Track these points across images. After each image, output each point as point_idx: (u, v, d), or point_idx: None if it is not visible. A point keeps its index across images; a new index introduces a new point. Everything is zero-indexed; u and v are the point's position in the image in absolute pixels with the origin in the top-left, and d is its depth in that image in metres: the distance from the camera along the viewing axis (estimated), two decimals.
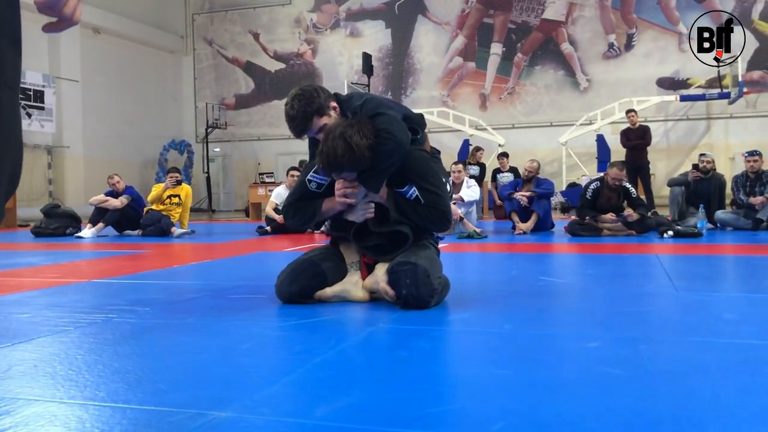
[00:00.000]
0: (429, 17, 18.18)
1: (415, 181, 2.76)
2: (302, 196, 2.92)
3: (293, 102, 2.79)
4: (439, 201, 2.78)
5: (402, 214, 2.77)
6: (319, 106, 2.79)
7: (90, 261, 5.63)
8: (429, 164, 2.85)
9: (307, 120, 2.79)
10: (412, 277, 2.63)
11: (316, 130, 2.81)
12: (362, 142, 2.60)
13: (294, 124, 2.82)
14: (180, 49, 20.51)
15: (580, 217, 7.29)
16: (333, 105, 2.85)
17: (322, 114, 2.80)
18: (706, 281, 3.68)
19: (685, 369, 1.79)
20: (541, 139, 16.63)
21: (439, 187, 2.82)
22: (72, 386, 1.71)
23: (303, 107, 2.77)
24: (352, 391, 1.62)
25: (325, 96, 2.83)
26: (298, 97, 2.80)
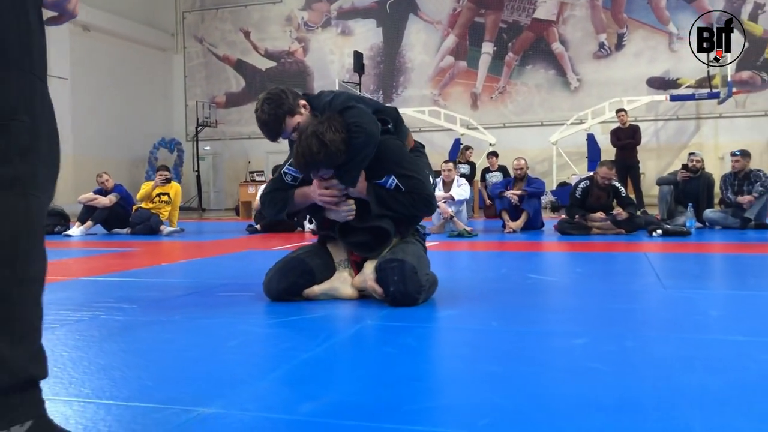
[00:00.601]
0: (420, 16, 18.18)
1: (392, 170, 2.77)
2: (278, 187, 2.94)
3: (263, 106, 2.80)
4: (420, 185, 2.79)
5: (384, 206, 2.77)
6: (289, 107, 2.79)
7: (78, 259, 5.60)
8: (403, 151, 2.86)
9: (279, 122, 2.79)
10: (400, 273, 2.63)
11: (290, 130, 2.82)
12: (335, 137, 2.61)
13: (267, 128, 2.82)
14: (170, 46, 20.43)
15: (569, 215, 7.31)
16: (302, 103, 2.86)
17: (293, 114, 2.81)
18: (694, 279, 3.69)
19: (671, 365, 1.80)
20: (531, 139, 16.67)
21: (418, 172, 2.83)
22: (57, 383, 1.69)
23: (273, 110, 2.78)
24: (338, 388, 1.61)
25: (293, 96, 2.84)
26: (267, 100, 2.80)
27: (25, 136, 1.00)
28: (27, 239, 1.01)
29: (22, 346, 1.01)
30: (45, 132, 1.06)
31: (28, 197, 1.01)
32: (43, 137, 1.05)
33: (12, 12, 1.01)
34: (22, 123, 0.99)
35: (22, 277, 1.00)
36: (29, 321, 1.03)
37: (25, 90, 1.01)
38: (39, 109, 1.04)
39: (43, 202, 1.05)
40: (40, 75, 1.06)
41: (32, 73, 1.03)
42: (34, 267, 1.03)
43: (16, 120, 0.98)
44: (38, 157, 1.04)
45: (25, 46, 1.02)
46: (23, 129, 0.99)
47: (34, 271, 1.04)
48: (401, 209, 2.78)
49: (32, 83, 1.03)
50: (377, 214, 2.77)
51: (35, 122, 1.02)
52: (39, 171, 1.04)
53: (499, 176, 11.58)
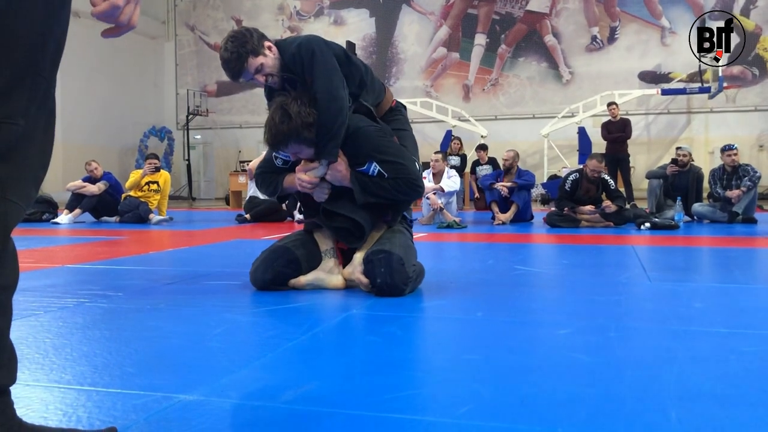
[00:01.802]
0: (413, 7, 18.13)
1: (372, 156, 2.75)
2: (269, 170, 2.95)
3: (226, 45, 2.78)
4: (403, 169, 2.75)
5: (369, 192, 2.75)
6: (252, 46, 2.76)
7: (65, 246, 5.57)
8: (382, 135, 2.82)
9: (241, 61, 2.76)
10: (387, 265, 2.63)
11: (252, 70, 2.79)
12: (302, 109, 2.62)
13: (229, 66, 2.78)
14: (161, 34, 20.29)
15: (558, 208, 7.34)
16: (267, 45, 2.82)
17: (257, 54, 2.77)
18: (680, 272, 3.71)
19: (653, 356, 1.81)
20: (523, 131, 16.69)
21: (401, 156, 2.79)
22: (38, 369, 1.69)
23: (236, 48, 2.75)
24: (320, 376, 1.62)
25: (258, 36, 2.80)
26: (230, 39, 2.78)
27: (14, 139, 0.97)
28: (0, 246, 0.98)
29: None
30: (40, 135, 1.03)
31: (6, 203, 0.97)
32: (37, 141, 1.02)
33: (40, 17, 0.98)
34: (15, 126, 0.96)
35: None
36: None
37: (28, 92, 0.98)
38: (37, 112, 1.01)
39: (20, 209, 1.01)
40: (48, 76, 1.03)
41: (41, 75, 1.00)
42: (3, 275, 1.00)
43: (8, 122, 0.95)
44: (25, 162, 1.00)
45: (42, 49, 1.00)
46: (13, 132, 0.96)
47: (3, 280, 1.00)
48: (386, 195, 2.76)
49: (37, 85, 1.00)
50: (362, 202, 2.75)
51: (30, 125, 0.99)
52: (23, 176, 1.01)
53: (489, 169, 11.57)
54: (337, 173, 2.76)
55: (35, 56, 0.98)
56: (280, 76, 2.83)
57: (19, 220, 1.02)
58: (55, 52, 1.03)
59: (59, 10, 1.00)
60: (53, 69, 1.04)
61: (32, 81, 0.99)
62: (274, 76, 2.82)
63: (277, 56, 2.82)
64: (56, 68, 1.05)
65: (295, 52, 2.77)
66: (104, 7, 1.01)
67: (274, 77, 2.83)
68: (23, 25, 0.95)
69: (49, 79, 1.03)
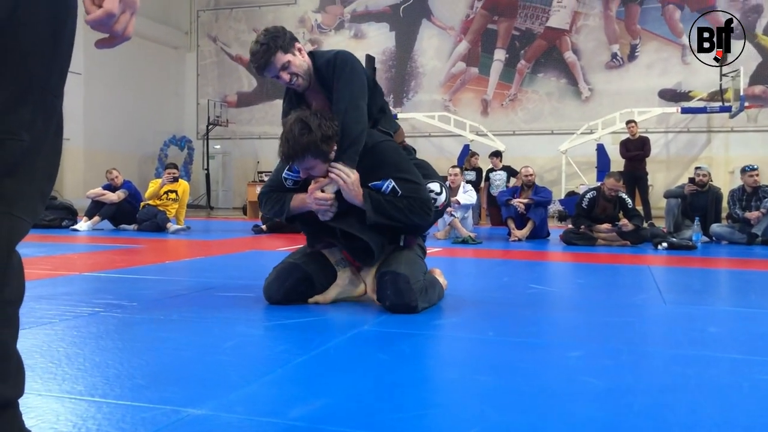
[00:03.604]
0: (433, 21, 18.19)
1: (389, 173, 2.71)
2: (277, 188, 2.89)
3: (258, 37, 2.79)
4: (418, 189, 2.72)
5: (380, 213, 2.68)
6: (283, 42, 2.77)
7: (83, 254, 5.63)
8: (401, 154, 2.82)
9: (269, 53, 2.75)
10: (393, 286, 2.64)
11: (279, 66, 2.77)
12: (323, 123, 2.60)
13: (256, 57, 2.77)
14: (184, 45, 20.52)
15: (575, 225, 7.30)
16: (298, 46, 2.84)
17: (286, 51, 2.77)
18: (696, 294, 3.68)
19: (666, 381, 1.79)
20: (541, 147, 16.63)
21: (416, 175, 2.76)
22: (50, 379, 1.71)
23: (267, 41, 2.76)
24: (329, 393, 1.62)
25: (290, 35, 2.83)
26: (264, 32, 2.80)
27: (19, 155, 0.96)
28: (4, 261, 0.98)
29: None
30: (46, 150, 1.03)
31: (11, 218, 0.97)
32: (43, 155, 1.02)
33: (46, 30, 0.98)
34: (20, 142, 0.96)
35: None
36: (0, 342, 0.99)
37: (34, 106, 0.98)
38: (43, 127, 1.01)
39: (26, 225, 1.01)
40: (54, 91, 1.02)
41: (46, 89, 1.00)
42: (8, 289, 1.00)
43: (14, 138, 0.95)
44: (30, 177, 1.00)
45: (48, 63, 1.00)
46: (18, 148, 0.96)
47: (9, 294, 0.99)
48: (398, 215, 2.69)
49: (43, 99, 1.00)
50: (372, 222, 2.69)
51: (36, 140, 0.99)
52: (29, 191, 1.00)
53: (503, 175, 11.55)
54: (352, 188, 2.69)
55: (41, 70, 0.99)
56: (306, 79, 2.83)
57: (25, 235, 1.02)
58: (61, 66, 1.04)
59: (65, 23, 1.01)
60: (60, 83, 1.04)
61: (38, 95, 0.99)
62: (299, 76, 2.81)
63: (306, 60, 2.84)
64: (63, 82, 1.06)
65: (331, 58, 2.80)
66: (99, 15, 0.99)
67: (299, 78, 2.82)
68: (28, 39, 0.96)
69: (56, 93, 1.03)
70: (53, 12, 0.98)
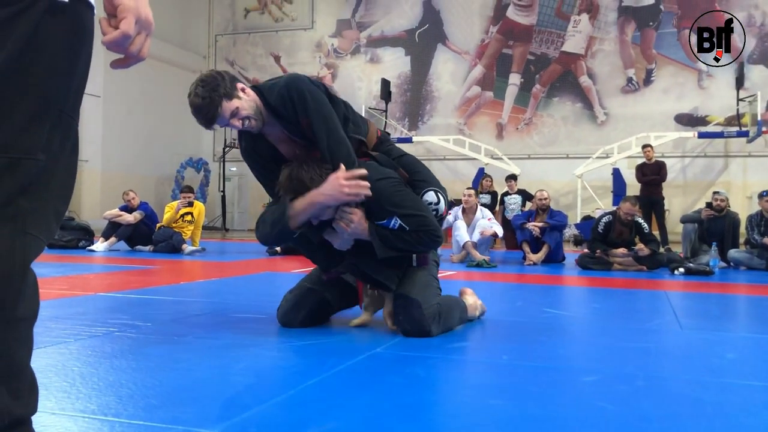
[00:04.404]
0: (448, 46, 18.32)
1: (393, 212, 2.61)
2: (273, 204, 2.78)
3: (197, 89, 2.55)
4: (424, 221, 2.63)
5: (389, 246, 2.61)
6: (225, 90, 2.55)
7: (99, 274, 5.67)
8: (400, 190, 2.68)
9: (214, 105, 2.54)
10: (405, 312, 2.62)
11: (228, 115, 2.57)
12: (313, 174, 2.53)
13: (201, 112, 2.55)
14: (202, 68, 20.75)
15: (591, 250, 7.25)
16: (241, 87, 2.63)
17: (230, 97, 2.56)
18: (713, 320, 3.63)
19: (681, 408, 1.77)
20: (556, 171, 16.60)
21: (420, 208, 2.67)
22: (64, 398, 1.72)
23: (208, 93, 2.53)
24: (341, 416, 1.61)
25: (229, 78, 2.61)
26: (201, 83, 2.56)
27: (35, 174, 0.98)
28: (19, 278, 0.99)
29: (5, 386, 0.98)
30: (61, 170, 1.05)
31: (27, 237, 0.98)
32: (58, 175, 1.04)
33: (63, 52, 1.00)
34: (36, 161, 0.98)
35: (10, 317, 0.97)
36: (14, 359, 0.99)
37: (50, 127, 1.00)
38: (59, 147, 1.03)
39: (41, 243, 1.02)
40: (71, 112, 1.04)
41: (63, 110, 1.02)
42: (23, 306, 1.00)
43: (30, 158, 0.97)
44: (46, 196, 1.02)
45: (65, 84, 1.02)
46: (34, 167, 0.98)
47: (23, 311, 1.00)
48: (407, 247, 2.64)
49: (59, 120, 1.02)
50: (382, 256, 2.63)
51: (52, 160, 1.01)
52: (44, 210, 1.02)
53: (518, 199, 11.53)
54: (357, 227, 2.60)
55: (58, 91, 1.01)
56: (258, 118, 2.64)
57: (39, 254, 1.04)
58: (78, 87, 1.05)
59: (81, 44, 1.03)
60: (76, 104, 1.06)
61: (55, 116, 1.01)
62: (251, 119, 2.63)
63: (253, 98, 2.65)
64: (79, 103, 1.07)
65: (284, 93, 2.62)
66: (115, 36, 1.01)
67: (251, 121, 2.63)
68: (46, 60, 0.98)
69: (72, 114, 1.05)
70: (70, 34, 1.00)
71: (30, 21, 0.94)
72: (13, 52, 0.93)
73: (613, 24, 17.11)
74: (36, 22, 0.95)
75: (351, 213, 2.60)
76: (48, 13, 0.96)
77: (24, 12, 0.93)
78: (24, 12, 0.93)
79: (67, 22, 0.99)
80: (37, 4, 0.94)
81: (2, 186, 0.95)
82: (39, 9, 0.94)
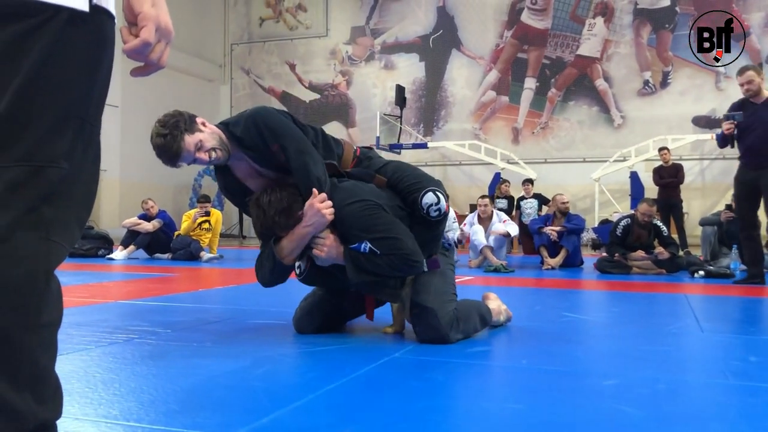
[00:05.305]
0: (463, 51, 18.32)
1: (362, 237, 2.51)
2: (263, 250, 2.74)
3: (157, 130, 2.57)
4: (396, 244, 2.50)
5: (362, 270, 2.52)
6: (185, 126, 2.56)
7: (118, 282, 5.72)
8: (372, 213, 2.56)
9: (177, 140, 2.53)
10: (421, 321, 2.61)
11: (192, 149, 2.56)
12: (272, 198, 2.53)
13: (164, 150, 2.55)
14: (218, 77, 20.95)
15: (609, 254, 7.20)
16: (201, 121, 2.64)
17: (192, 131, 2.57)
18: (734, 323, 3.59)
19: (704, 412, 1.75)
20: (573, 175, 16.51)
21: (393, 231, 2.53)
22: (87, 403, 1.73)
23: (169, 130, 2.53)
24: (359, 420, 1.61)
25: (188, 115, 2.63)
26: (160, 123, 2.59)
27: (58, 182, 1.00)
28: (43, 285, 0.99)
29: (30, 391, 0.99)
30: (84, 178, 1.06)
31: (50, 244, 0.99)
32: (81, 183, 1.06)
33: (85, 60, 1.01)
34: (60, 169, 0.99)
35: (34, 323, 0.98)
36: (38, 364, 1.01)
37: (73, 136, 1.02)
38: (82, 155, 1.04)
39: (64, 250, 1.03)
40: (92, 120, 1.06)
41: (85, 119, 1.04)
42: (47, 312, 1.01)
43: (53, 166, 0.98)
44: (69, 204, 1.03)
45: (87, 92, 1.03)
46: (58, 175, 0.99)
47: (48, 317, 1.01)
48: (381, 271, 2.53)
49: (83, 129, 1.03)
50: (356, 281, 2.57)
51: (75, 168, 1.02)
52: (67, 217, 1.03)
53: (534, 203, 11.48)
54: (332, 250, 2.54)
55: (79, 101, 1.02)
56: (224, 149, 2.63)
57: (62, 260, 1.05)
58: (99, 95, 1.07)
59: (102, 54, 1.04)
60: (98, 112, 1.08)
61: (77, 124, 1.02)
62: (217, 150, 2.60)
63: (215, 131, 2.65)
64: (101, 112, 1.09)
65: (250, 125, 2.62)
66: (136, 44, 1.03)
67: (217, 152, 2.60)
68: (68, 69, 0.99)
69: (93, 123, 1.07)
70: (92, 43, 1.02)
71: (52, 31, 0.96)
72: (36, 63, 0.95)
73: (629, 26, 17.02)
74: (58, 33, 0.96)
75: (324, 238, 2.56)
76: (70, 24, 0.97)
77: (46, 23, 0.95)
78: (46, 23, 0.95)
79: (89, 31, 1.00)
80: (59, 15, 0.96)
81: (26, 193, 0.96)
82: (61, 19, 0.96)
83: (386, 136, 17.22)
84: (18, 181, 0.95)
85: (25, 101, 0.95)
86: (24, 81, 0.95)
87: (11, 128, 0.95)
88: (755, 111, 5.49)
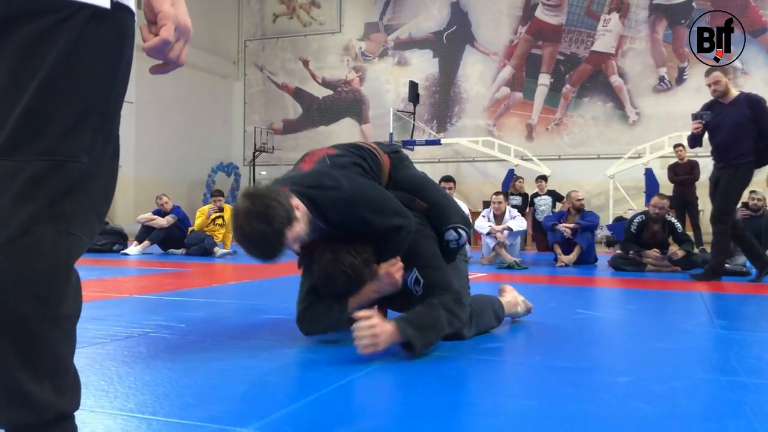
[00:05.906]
0: (477, 47, 18.25)
1: (418, 264, 2.50)
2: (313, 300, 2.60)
3: (252, 223, 2.16)
4: (437, 274, 2.50)
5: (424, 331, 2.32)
6: (283, 216, 2.19)
7: (133, 277, 5.77)
8: (430, 246, 2.57)
9: (281, 237, 2.20)
10: None
11: (293, 243, 2.31)
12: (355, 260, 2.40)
13: (267, 248, 2.23)
14: (231, 74, 21.02)
15: (624, 251, 7.16)
16: (295, 204, 2.28)
17: (291, 221, 2.22)
18: (749, 320, 3.56)
19: (719, 409, 1.74)
20: (588, 172, 16.42)
21: (441, 265, 2.55)
22: (103, 396, 1.75)
23: (269, 225, 2.16)
24: (373, 415, 1.62)
25: (283, 195, 2.26)
26: (256, 217, 2.16)
27: (78, 176, 1.01)
28: (63, 277, 1.01)
29: (49, 382, 1.01)
30: (103, 173, 1.08)
31: (70, 237, 1.01)
32: (100, 178, 1.07)
33: (105, 57, 1.02)
34: (80, 164, 1.00)
35: (54, 315, 1.00)
36: (58, 356, 1.02)
37: (93, 131, 1.03)
38: (102, 150, 1.06)
39: (84, 243, 1.05)
40: (112, 116, 1.07)
41: (105, 114, 1.05)
42: (67, 304, 1.02)
43: (74, 161, 1.00)
44: (89, 198, 1.05)
45: (107, 88, 1.05)
46: (78, 170, 1.00)
47: (68, 309, 1.02)
48: (413, 298, 2.52)
49: (101, 124, 1.05)
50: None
51: (94, 163, 1.04)
52: (87, 211, 1.05)
53: (548, 200, 11.43)
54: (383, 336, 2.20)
55: (99, 97, 1.03)
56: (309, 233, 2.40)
57: (82, 253, 1.06)
58: (119, 91, 1.08)
59: (122, 51, 1.05)
60: (117, 108, 1.09)
61: (97, 120, 1.04)
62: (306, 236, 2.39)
63: (305, 213, 2.34)
64: (120, 107, 1.10)
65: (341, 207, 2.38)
66: (155, 42, 1.04)
67: (305, 237, 2.39)
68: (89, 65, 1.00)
69: (113, 119, 1.08)
70: (112, 40, 1.03)
71: (74, 28, 0.97)
72: (58, 59, 0.97)
73: (644, 22, 16.88)
74: (80, 29, 0.97)
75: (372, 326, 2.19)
76: (91, 21, 0.98)
77: (68, 19, 0.96)
78: (68, 19, 0.96)
79: (110, 28, 1.01)
80: (82, 12, 0.97)
81: (48, 187, 0.97)
82: (83, 16, 0.97)
83: (399, 132, 17.21)
84: (40, 175, 0.96)
85: (47, 96, 0.97)
86: (47, 76, 0.96)
87: (34, 123, 0.96)
88: (722, 111, 5.71)
